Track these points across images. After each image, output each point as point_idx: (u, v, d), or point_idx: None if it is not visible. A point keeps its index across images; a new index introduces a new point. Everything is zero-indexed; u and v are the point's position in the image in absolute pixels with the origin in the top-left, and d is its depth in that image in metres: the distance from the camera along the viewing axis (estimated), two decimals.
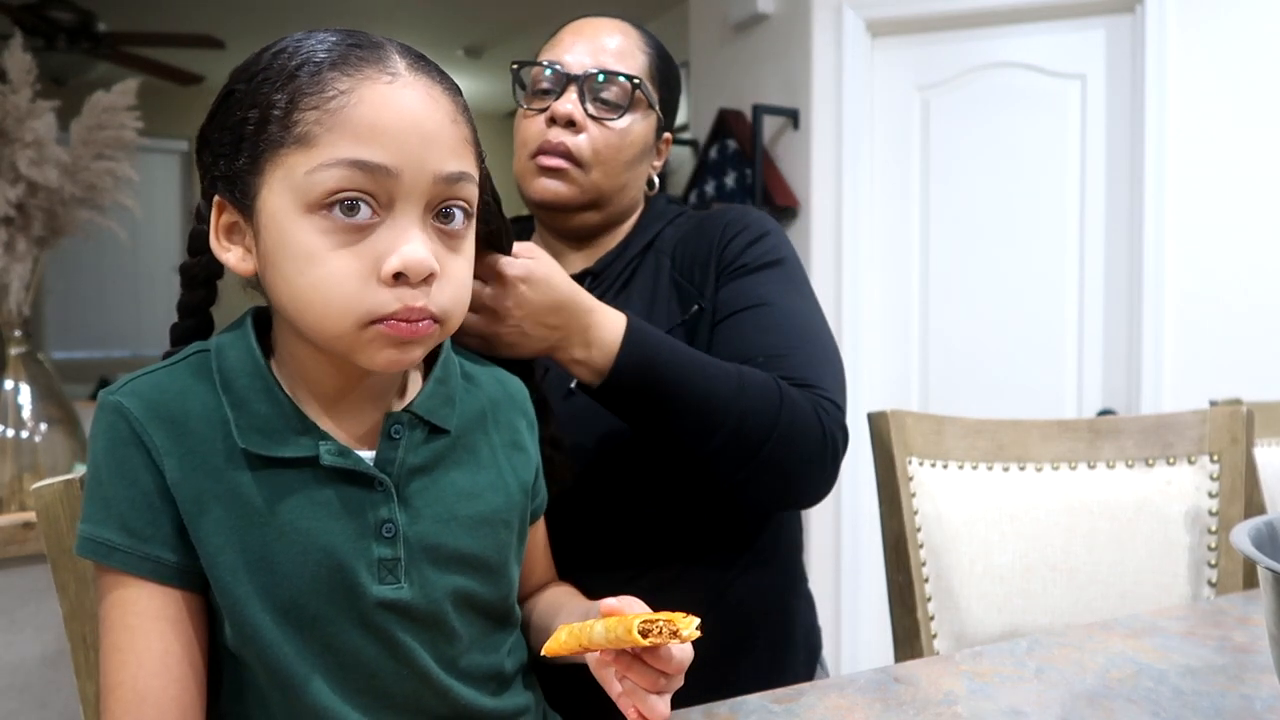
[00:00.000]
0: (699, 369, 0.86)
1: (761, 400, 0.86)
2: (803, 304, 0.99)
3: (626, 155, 1.01)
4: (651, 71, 1.03)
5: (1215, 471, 1.20)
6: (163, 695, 0.64)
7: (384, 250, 0.62)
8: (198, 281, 0.76)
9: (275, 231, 0.63)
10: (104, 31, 3.96)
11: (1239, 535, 0.66)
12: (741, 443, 0.85)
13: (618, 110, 0.99)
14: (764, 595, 1.02)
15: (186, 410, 0.66)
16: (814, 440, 0.87)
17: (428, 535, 0.68)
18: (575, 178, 0.99)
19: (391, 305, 0.62)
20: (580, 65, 0.99)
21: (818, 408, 0.89)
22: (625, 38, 1.02)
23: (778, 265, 1.01)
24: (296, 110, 0.62)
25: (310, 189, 0.61)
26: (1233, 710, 0.75)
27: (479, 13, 4.54)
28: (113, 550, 0.64)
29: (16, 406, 1.59)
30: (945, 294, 2.57)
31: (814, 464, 0.88)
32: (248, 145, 0.63)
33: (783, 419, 0.85)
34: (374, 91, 0.62)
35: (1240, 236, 2.24)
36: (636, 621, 0.61)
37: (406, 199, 0.63)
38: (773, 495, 0.91)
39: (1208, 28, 2.25)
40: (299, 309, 0.63)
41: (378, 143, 0.61)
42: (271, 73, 0.63)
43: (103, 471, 0.65)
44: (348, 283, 0.62)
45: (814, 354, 0.94)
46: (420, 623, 0.68)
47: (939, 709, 0.75)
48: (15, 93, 1.49)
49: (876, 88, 2.61)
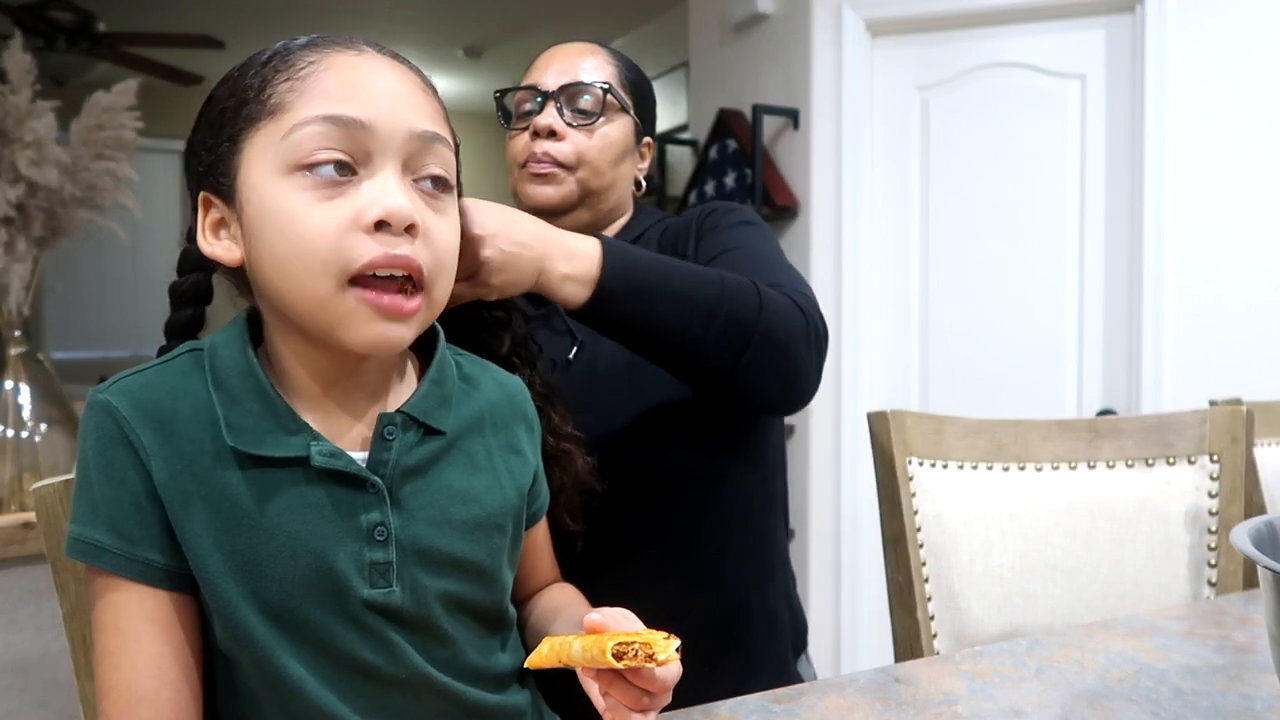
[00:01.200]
0: (677, 265, 0.90)
1: (741, 289, 0.89)
2: (769, 247, 1.05)
3: (609, 155, 1.09)
4: (621, 80, 1.11)
5: (1215, 471, 1.20)
6: (156, 698, 0.63)
7: (365, 203, 0.63)
8: (186, 300, 0.76)
9: (256, 200, 0.64)
10: (104, 31, 3.96)
11: (1239, 535, 0.66)
12: (735, 324, 0.87)
13: (593, 116, 1.08)
14: (734, 590, 1.04)
15: (176, 410, 0.65)
16: (796, 320, 0.90)
17: (420, 538, 0.68)
18: (563, 180, 1.07)
19: (374, 251, 0.62)
20: (555, 83, 1.08)
21: (792, 297, 0.93)
22: (594, 55, 1.11)
23: (751, 225, 1.08)
24: (269, 86, 0.64)
25: (288, 151, 0.63)
26: (1233, 710, 0.75)
27: (479, 13, 4.54)
28: (101, 551, 0.64)
29: (16, 406, 1.59)
30: (945, 294, 2.57)
31: (801, 344, 0.91)
32: (227, 130, 0.66)
33: (764, 301, 0.89)
34: (343, 59, 0.65)
35: (1240, 236, 2.24)
36: (610, 643, 0.59)
37: (383, 153, 0.64)
38: (770, 381, 0.92)
39: (1208, 28, 2.25)
40: (283, 274, 0.63)
41: (349, 100, 0.63)
42: (247, 67, 0.67)
43: (91, 471, 0.65)
44: (329, 234, 0.62)
45: (781, 276, 0.99)
46: (410, 626, 0.68)
47: (939, 709, 0.75)
48: (15, 93, 1.49)
49: (876, 88, 2.61)
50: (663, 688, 0.64)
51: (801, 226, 2.63)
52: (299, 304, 0.64)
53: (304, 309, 0.64)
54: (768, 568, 1.09)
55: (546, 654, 0.65)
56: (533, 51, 1.12)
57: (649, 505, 1.01)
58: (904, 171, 2.60)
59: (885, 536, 1.16)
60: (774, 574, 1.10)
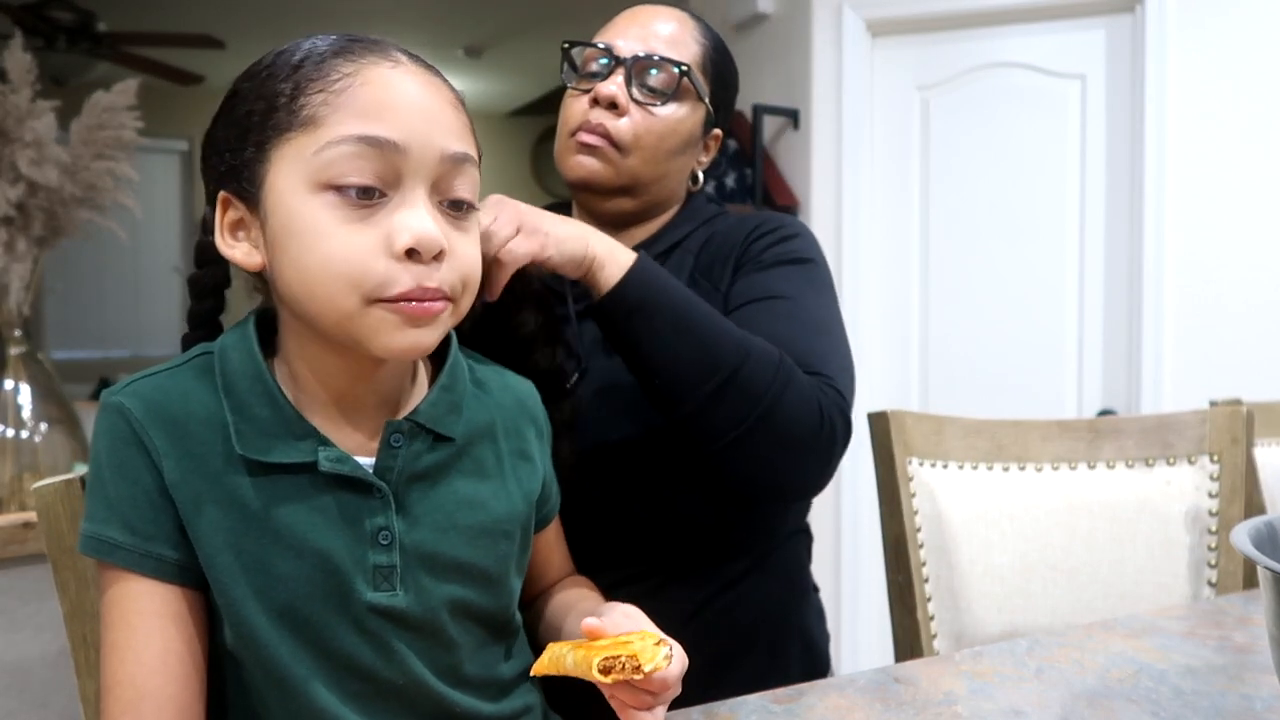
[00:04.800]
0: (707, 309, 0.85)
1: (763, 358, 0.83)
2: (819, 301, 0.96)
3: (668, 144, 0.99)
4: (704, 63, 1.00)
5: (1215, 471, 1.20)
6: (161, 693, 0.64)
7: (394, 226, 0.62)
8: (206, 292, 0.76)
9: (283, 213, 0.63)
10: (104, 31, 3.96)
11: (1239, 535, 0.66)
12: (738, 393, 0.81)
13: (662, 97, 0.97)
14: (759, 606, 1.00)
15: (188, 412, 0.66)
16: (810, 417, 0.83)
17: (425, 543, 0.68)
18: (611, 158, 0.97)
19: (405, 283, 0.62)
20: (630, 50, 0.97)
21: (818, 388, 0.85)
22: (681, 26, 1.00)
23: (802, 264, 0.98)
24: (302, 95, 0.63)
25: (319, 168, 0.62)
26: (1233, 710, 0.75)
27: (479, 13, 4.54)
28: (115, 548, 0.64)
29: (16, 406, 1.59)
30: (945, 294, 2.57)
31: (807, 444, 0.84)
32: (254, 135, 0.64)
33: (779, 381, 0.82)
34: (377, 73, 0.63)
35: (1240, 236, 2.24)
36: (596, 660, 0.60)
37: (414, 176, 0.63)
38: (760, 471, 0.85)
39: (1208, 28, 2.25)
40: (308, 290, 0.63)
41: (384, 119, 0.62)
42: (276, 68, 0.65)
43: (105, 471, 0.65)
44: (356, 256, 0.61)
45: (824, 347, 0.91)
46: (416, 630, 0.68)
47: (939, 709, 0.75)
48: (15, 93, 1.49)
49: (876, 88, 2.61)
50: (663, 687, 0.64)
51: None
52: (325, 317, 0.64)
53: (330, 322, 0.64)
54: (793, 583, 1.05)
55: (546, 663, 0.66)
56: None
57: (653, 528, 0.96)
58: (904, 172, 2.60)
59: (885, 536, 1.16)
60: (797, 595, 1.05)
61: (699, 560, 0.97)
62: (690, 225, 1.05)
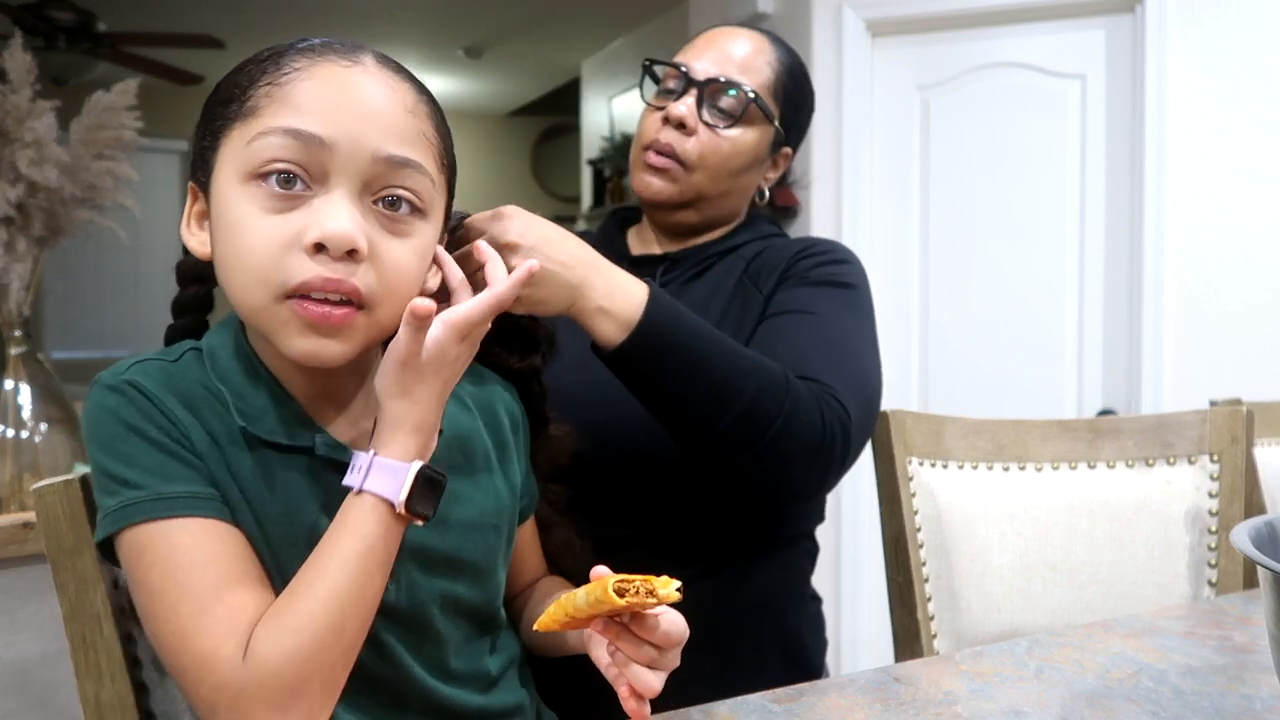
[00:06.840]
0: (718, 341, 0.85)
1: (771, 384, 0.84)
2: (851, 324, 0.98)
3: (733, 164, 1.03)
4: (775, 87, 1.04)
5: (1215, 471, 1.20)
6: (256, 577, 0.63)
7: (310, 222, 0.61)
8: (189, 278, 0.77)
9: (219, 203, 0.64)
10: (104, 31, 3.95)
11: (1239, 535, 0.66)
12: (749, 425, 0.83)
13: (730, 119, 1.01)
14: (746, 605, 1.00)
15: (192, 391, 0.66)
16: (813, 432, 0.85)
17: (416, 538, 0.68)
18: (678, 177, 1.02)
19: (305, 274, 0.61)
20: (704, 71, 1.02)
21: (821, 402, 0.87)
22: (756, 50, 1.05)
23: (843, 288, 1.01)
24: (253, 87, 0.64)
25: (248, 158, 0.62)
26: (1233, 710, 0.75)
27: (479, 13, 4.54)
28: (156, 501, 0.62)
29: (16, 406, 1.59)
30: (945, 294, 2.56)
31: (809, 457, 0.86)
32: (212, 124, 0.66)
33: (788, 405, 0.84)
34: (327, 70, 0.63)
35: (1240, 236, 2.24)
36: (612, 580, 0.60)
37: (340, 173, 0.62)
38: (767, 485, 0.88)
39: (1208, 28, 2.25)
40: (229, 280, 0.64)
41: (313, 114, 0.62)
42: (249, 62, 0.66)
43: (119, 443, 0.63)
44: (269, 249, 0.61)
45: (841, 363, 0.92)
46: (405, 624, 0.68)
47: (939, 709, 0.75)
48: (15, 93, 1.49)
49: (876, 88, 2.61)
50: (665, 639, 0.63)
51: (801, 227, 2.62)
52: (243, 307, 0.65)
53: (247, 313, 0.65)
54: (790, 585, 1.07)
55: (554, 611, 0.65)
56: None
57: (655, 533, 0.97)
58: (904, 172, 2.60)
59: (885, 536, 1.16)
60: (793, 598, 1.07)
61: (692, 553, 0.98)
62: (746, 236, 1.09)
